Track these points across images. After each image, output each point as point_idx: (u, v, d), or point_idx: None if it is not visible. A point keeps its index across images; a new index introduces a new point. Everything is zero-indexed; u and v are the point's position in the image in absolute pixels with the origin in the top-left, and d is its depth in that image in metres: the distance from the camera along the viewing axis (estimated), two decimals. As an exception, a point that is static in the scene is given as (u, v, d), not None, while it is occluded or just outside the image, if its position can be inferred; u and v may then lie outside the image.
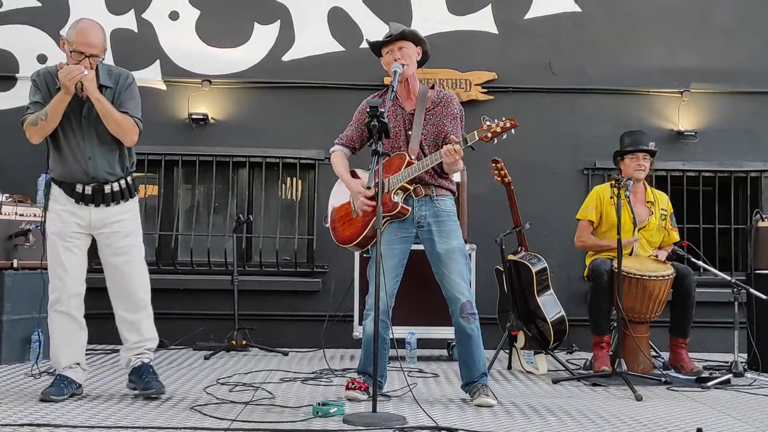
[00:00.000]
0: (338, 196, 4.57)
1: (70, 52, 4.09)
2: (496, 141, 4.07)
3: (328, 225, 4.58)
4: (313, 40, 6.97)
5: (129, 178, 4.29)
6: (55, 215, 4.20)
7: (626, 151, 5.47)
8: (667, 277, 5.19)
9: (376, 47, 4.36)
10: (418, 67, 4.38)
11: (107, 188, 4.20)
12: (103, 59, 4.20)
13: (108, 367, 5.32)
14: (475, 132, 4.10)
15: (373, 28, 6.73)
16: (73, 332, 4.23)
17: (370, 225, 4.30)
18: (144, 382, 4.25)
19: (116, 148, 4.23)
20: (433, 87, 4.42)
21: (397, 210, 4.24)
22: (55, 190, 4.23)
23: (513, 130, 4.07)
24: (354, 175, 4.44)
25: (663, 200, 5.63)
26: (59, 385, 4.15)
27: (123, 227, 4.25)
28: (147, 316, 4.33)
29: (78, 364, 4.25)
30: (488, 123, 4.06)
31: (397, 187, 4.25)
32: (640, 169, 5.42)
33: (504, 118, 4.07)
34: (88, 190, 4.18)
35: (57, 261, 4.18)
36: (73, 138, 4.17)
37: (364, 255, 5.38)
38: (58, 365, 4.23)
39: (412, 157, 4.25)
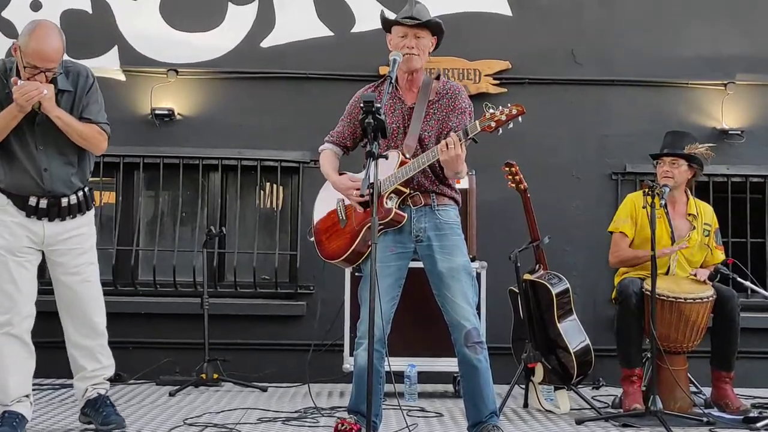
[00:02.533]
0: (324, 205, 4.57)
1: (24, 66, 4.14)
2: (500, 131, 4.12)
3: (312, 239, 4.59)
4: (297, 22, 6.90)
5: (86, 188, 4.37)
6: (3, 227, 4.27)
7: (655, 155, 5.52)
8: (706, 300, 5.20)
9: (389, 24, 4.36)
10: None
11: (64, 201, 4.30)
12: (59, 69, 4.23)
13: (56, 405, 5.34)
14: (477, 122, 4.13)
15: (367, 9, 6.75)
16: (25, 360, 4.29)
17: (360, 236, 4.29)
18: (102, 416, 4.33)
19: (76, 157, 4.33)
20: (438, 78, 4.44)
21: (390, 217, 4.21)
22: (4, 200, 4.29)
23: (520, 119, 4.11)
24: None
25: (707, 213, 5.65)
26: (12, 424, 4.16)
27: (80, 244, 4.36)
28: (105, 342, 4.48)
29: (27, 396, 4.29)
30: (491, 111, 4.11)
31: (390, 191, 4.23)
32: (666, 176, 5.41)
33: (509, 105, 4.12)
34: (43, 204, 4.26)
35: (8, 278, 4.23)
36: (27, 147, 4.25)
37: (356, 274, 5.38)
38: (6, 398, 4.24)
39: (407, 156, 4.25)
